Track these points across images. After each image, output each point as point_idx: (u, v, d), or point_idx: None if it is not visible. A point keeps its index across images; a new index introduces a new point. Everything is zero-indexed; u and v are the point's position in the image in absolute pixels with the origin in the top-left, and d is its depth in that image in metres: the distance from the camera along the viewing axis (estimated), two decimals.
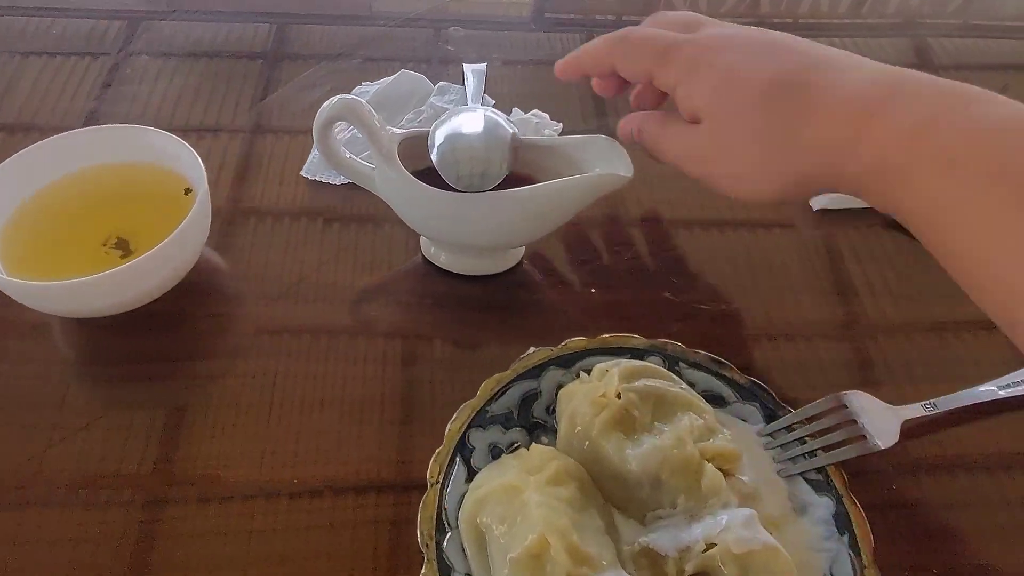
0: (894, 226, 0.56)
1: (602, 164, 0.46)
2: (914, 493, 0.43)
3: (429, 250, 0.52)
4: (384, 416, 0.44)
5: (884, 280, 0.54)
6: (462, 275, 0.52)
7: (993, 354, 0.49)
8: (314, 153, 0.58)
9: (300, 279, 0.51)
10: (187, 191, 0.49)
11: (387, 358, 0.47)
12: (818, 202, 0.58)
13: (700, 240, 0.55)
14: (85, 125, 0.59)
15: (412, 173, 0.46)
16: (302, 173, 0.57)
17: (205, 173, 0.47)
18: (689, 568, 0.35)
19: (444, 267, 0.52)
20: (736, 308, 0.51)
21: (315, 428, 0.44)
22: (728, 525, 0.35)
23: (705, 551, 0.35)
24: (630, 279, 0.53)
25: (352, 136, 0.59)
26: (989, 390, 0.45)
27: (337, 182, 0.57)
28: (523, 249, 0.53)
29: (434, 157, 0.45)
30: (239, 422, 0.44)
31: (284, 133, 0.60)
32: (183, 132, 0.51)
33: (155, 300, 0.47)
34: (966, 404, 0.44)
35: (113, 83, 0.64)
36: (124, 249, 0.47)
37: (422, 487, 0.38)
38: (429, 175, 0.46)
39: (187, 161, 0.48)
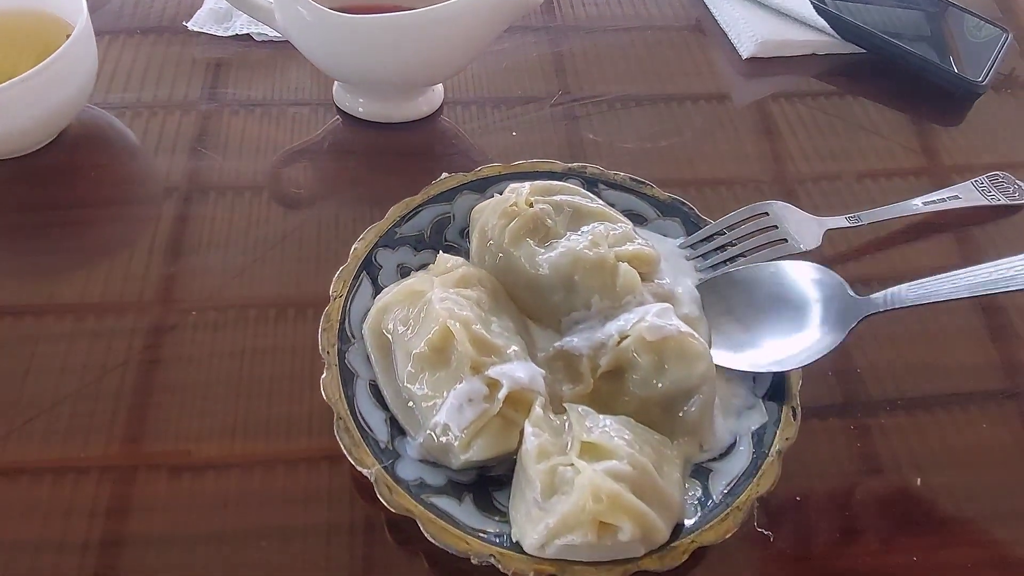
0: (818, 76, 0.56)
1: None
2: None
3: (344, 101, 0.50)
4: (289, 255, 0.42)
5: (815, 123, 0.53)
6: (378, 124, 0.49)
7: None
8: (205, 5, 0.55)
9: (201, 134, 0.48)
10: (68, 36, 0.45)
11: (292, 206, 0.45)
12: (747, 50, 0.56)
13: (627, 83, 0.54)
14: None
15: None
16: (188, 24, 0.54)
17: (86, 9, 0.43)
18: (604, 363, 0.34)
19: (359, 116, 0.49)
20: (661, 147, 0.50)
21: (219, 279, 0.41)
22: (641, 317, 0.34)
23: (618, 344, 0.34)
24: (553, 123, 0.51)
25: None
26: (912, 204, 0.44)
27: (225, 34, 0.53)
28: (441, 96, 0.51)
29: None
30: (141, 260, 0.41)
31: None
32: None
33: (42, 149, 0.44)
34: (889, 217, 0.44)
35: None
36: None
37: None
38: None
39: (70, 4, 0.45)
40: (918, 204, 0.44)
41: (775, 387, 0.34)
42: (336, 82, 0.50)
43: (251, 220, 0.44)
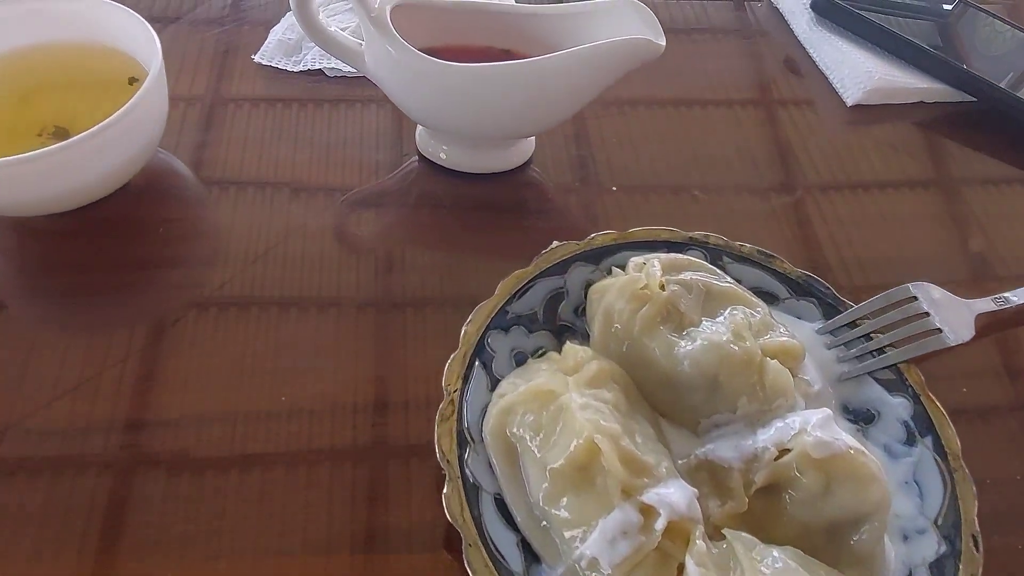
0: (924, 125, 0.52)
1: (626, 33, 0.40)
2: (990, 396, 0.38)
3: (427, 146, 0.46)
4: (379, 332, 0.38)
5: (934, 173, 0.49)
6: (465, 174, 0.45)
7: None
8: (272, 35, 0.51)
9: (274, 181, 0.44)
10: (132, 80, 0.41)
11: (380, 267, 0.41)
12: (852, 97, 0.52)
13: (731, 127, 0.50)
14: None
15: None
16: (255, 58, 0.50)
17: (161, 54, 0.39)
18: (759, 479, 0.30)
19: (445, 164, 0.45)
20: (779, 204, 0.46)
21: (301, 345, 0.37)
22: (803, 428, 0.30)
23: (777, 458, 0.30)
24: (655, 176, 0.47)
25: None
26: None
27: (295, 68, 0.49)
28: (532, 146, 0.47)
29: None
30: (214, 336, 0.37)
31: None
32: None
33: (103, 200, 0.40)
34: None
35: None
36: (63, 138, 0.39)
37: (423, 405, 0.33)
38: (427, 54, 0.39)
39: (141, 40, 0.41)
40: None
41: (948, 509, 0.31)
42: (419, 125, 0.46)
43: (329, 284, 0.40)
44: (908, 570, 0.30)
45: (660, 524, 0.27)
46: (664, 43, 0.39)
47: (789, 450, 0.30)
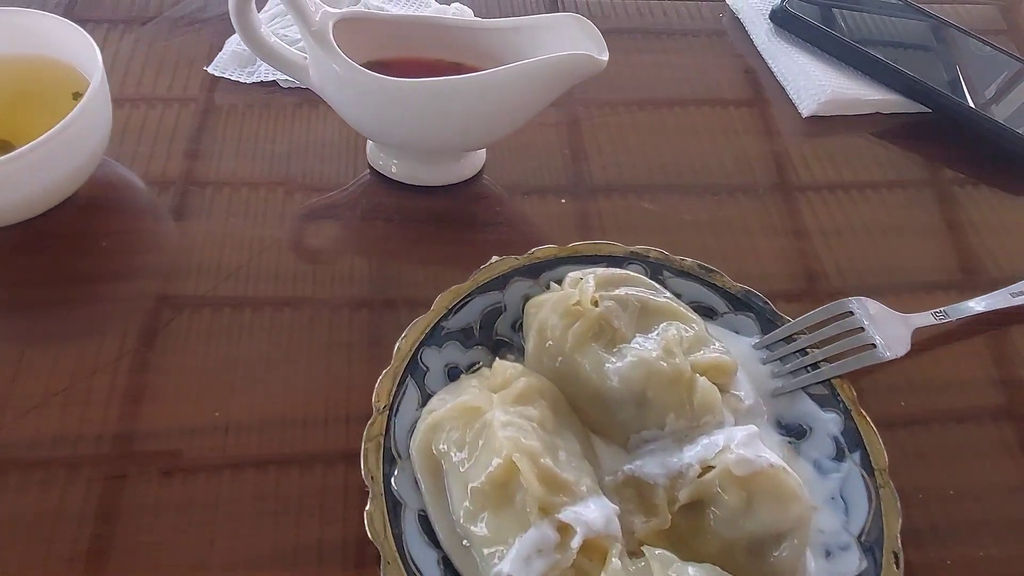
0: (879, 135, 0.52)
1: (572, 47, 0.40)
2: (925, 409, 0.38)
3: (378, 160, 0.46)
4: (332, 340, 0.38)
5: (886, 182, 0.49)
6: (415, 187, 0.45)
7: (1003, 262, 0.45)
8: (228, 46, 0.51)
9: (225, 193, 0.44)
10: (76, 95, 0.41)
11: (326, 280, 0.41)
12: (807, 108, 0.53)
13: (685, 142, 0.50)
14: None
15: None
16: (208, 69, 0.50)
17: (102, 67, 0.39)
18: (682, 496, 0.30)
19: (395, 178, 0.45)
20: (726, 216, 0.46)
21: (247, 358, 0.37)
22: (727, 445, 0.30)
23: (701, 475, 0.30)
24: (605, 188, 0.47)
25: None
26: (1002, 297, 0.41)
27: (249, 80, 0.49)
28: (483, 158, 0.47)
29: None
30: (162, 348, 0.37)
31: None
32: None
33: (47, 213, 0.40)
34: (978, 312, 0.40)
35: None
36: (7, 151, 0.39)
37: (361, 419, 0.32)
38: (375, 68, 0.39)
39: (85, 53, 0.41)
40: (1007, 296, 0.41)
41: (872, 525, 0.31)
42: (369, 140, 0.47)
43: (277, 300, 0.40)
44: None
45: (576, 542, 0.27)
46: (606, 58, 0.39)
47: (713, 467, 0.30)
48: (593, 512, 0.28)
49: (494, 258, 0.38)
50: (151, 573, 0.31)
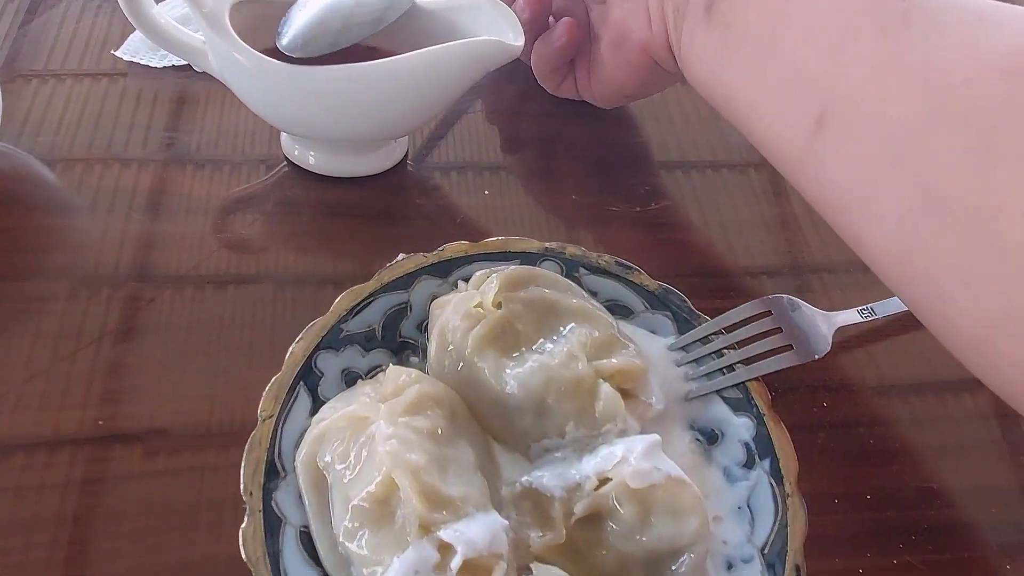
0: None
1: (488, 32, 0.38)
2: (847, 411, 0.37)
3: (293, 151, 0.44)
4: (230, 342, 0.36)
5: None
6: (332, 178, 0.43)
7: None
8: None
9: (131, 185, 0.42)
10: None
11: (229, 279, 0.39)
12: None
13: (616, 133, 0.48)
14: None
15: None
16: (117, 53, 0.47)
17: None
18: (578, 510, 0.29)
19: (313, 169, 0.43)
20: (654, 211, 0.44)
21: (136, 362, 0.35)
22: (624, 456, 0.29)
23: (597, 488, 0.29)
24: (532, 180, 0.45)
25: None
26: None
27: (160, 64, 0.47)
28: (404, 147, 0.45)
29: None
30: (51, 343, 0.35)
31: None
32: None
33: None
34: (906, 310, 0.39)
35: None
36: None
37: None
38: (277, 55, 0.37)
39: None
40: None
41: (776, 536, 0.30)
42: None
43: (183, 301, 0.38)
44: None
45: (455, 563, 0.26)
46: (522, 44, 0.37)
47: (611, 479, 0.29)
48: (477, 529, 0.27)
49: (400, 256, 0.36)
50: None
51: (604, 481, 0.29)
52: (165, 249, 0.39)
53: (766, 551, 0.29)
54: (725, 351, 0.35)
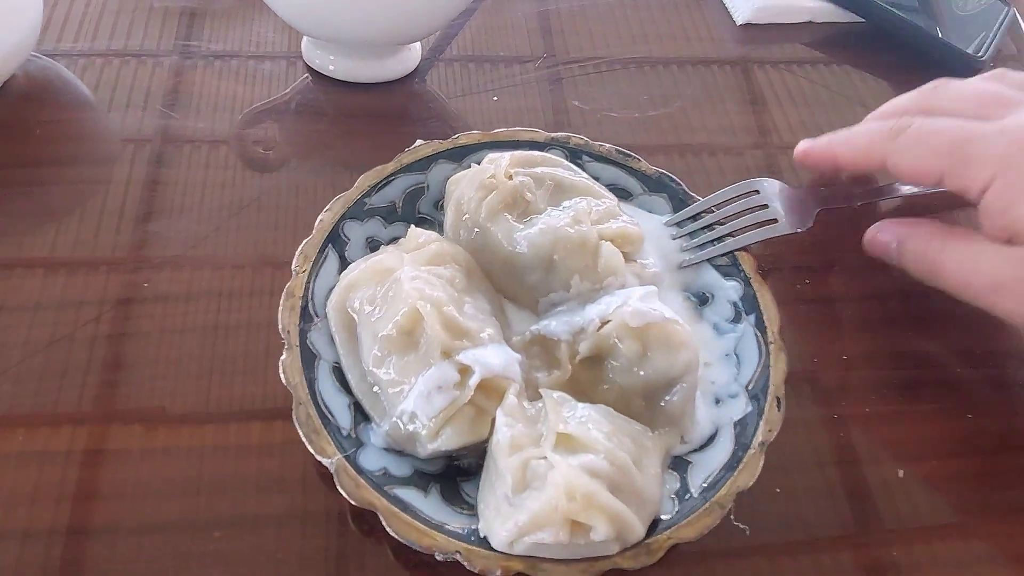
0: (813, 45, 0.54)
1: None
2: (829, 287, 0.40)
3: (313, 57, 0.47)
4: (252, 222, 0.40)
5: (802, 93, 0.50)
6: (350, 84, 0.46)
7: None
8: None
9: (158, 88, 0.45)
10: None
11: (257, 170, 0.42)
12: (742, 16, 0.54)
13: (615, 46, 0.51)
14: None
15: None
16: None
17: None
18: (583, 349, 0.32)
19: (332, 75, 0.46)
20: (650, 116, 0.47)
21: (175, 235, 0.39)
22: (624, 301, 0.32)
23: (599, 329, 0.32)
24: (538, 87, 0.48)
25: None
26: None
27: None
28: (419, 55, 0.48)
29: None
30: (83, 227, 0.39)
31: None
32: None
33: None
34: (886, 196, 0.42)
35: None
36: None
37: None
38: None
39: None
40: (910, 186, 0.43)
41: (759, 376, 0.33)
42: (305, 37, 0.47)
43: (214, 184, 0.41)
44: (715, 428, 0.32)
45: (473, 380, 0.29)
46: None
47: (611, 320, 0.32)
48: (493, 355, 0.30)
49: (418, 142, 0.39)
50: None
51: (605, 323, 0.32)
52: (188, 144, 0.43)
53: (751, 387, 0.33)
54: (715, 225, 0.38)
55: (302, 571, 0.30)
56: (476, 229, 0.35)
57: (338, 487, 0.28)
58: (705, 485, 0.30)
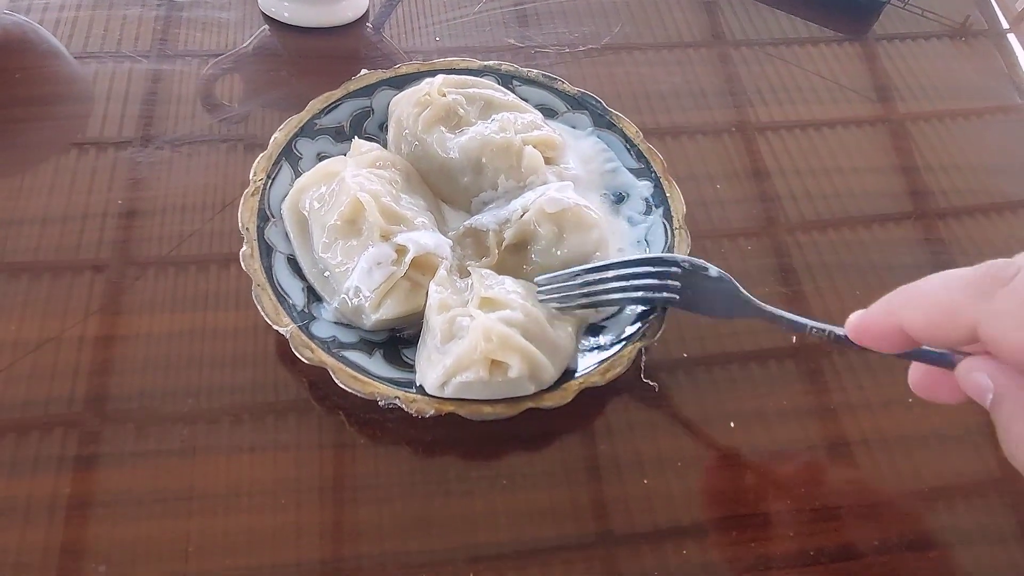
0: None
1: None
2: (733, 192, 0.45)
3: (270, 7, 0.51)
4: (217, 149, 0.44)
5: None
6: (304, 29, 0.50)
7: None
8: None
9: (125, 38, 0.49)
10: None
11: (219, 106, 0.46)
12: None
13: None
14: None
15: None
16: None
17: None
18: (508, 236, 0.37)
19: (286, 20, 0.50)
20: (581, 52, 0.52)
21: (151, 184, 0.43)
22: (543, 193, 0.37)
23: (521, 217, 0.37)
24: (478, 28, 0.52)
25: None
26: None
27: None
28: (367, 2, 0.52)
29: None
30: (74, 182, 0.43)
31: None
32: None
33: None
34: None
35: None
36: None
37: None
38: None
39: None
40: None
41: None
42: None
43: (179, 118, 0.45)
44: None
45: (408, 257, 0.34)
46: None
47: (531, 210, 0.36)
48: (426, 237, 0.34)
49: (363, 71, 0.43)
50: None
51: (526, 212, 0.36)
52: (172, 83, 0.47)
53: None
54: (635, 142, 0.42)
55: (274, 432, 0.34)
56: (415, 142, 0.40)
57: (293, 351, 0.33)
58: (615, 341, 0.34)
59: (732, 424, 0.36)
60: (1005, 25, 0.58)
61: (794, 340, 0.39)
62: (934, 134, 0.50)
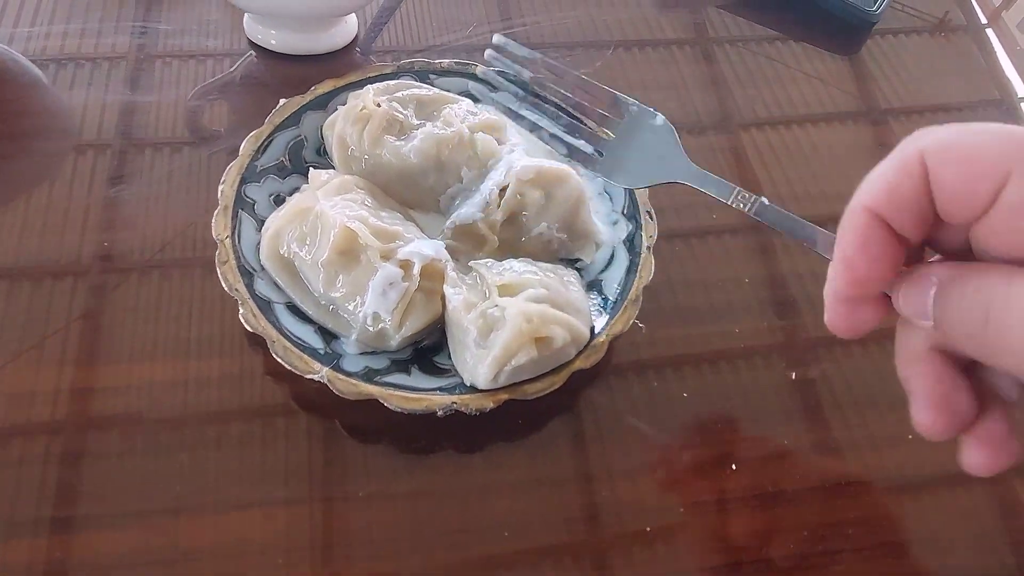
0: None
1: None
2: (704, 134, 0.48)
3: (256, 34, 0.49)
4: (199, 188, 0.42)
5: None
6: (292, 57, 0.49)
7: None
8: None
9: (107, 68, 0.47)
10: None
11: (204, 140, 0.45)
12: None
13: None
14: None
15: None
16: None
17: None
18: (499, 215, 0.38)
19: (275, 49, 0.49)
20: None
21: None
22: (511, 166, 0.38)
23: (501, 194, 0.38)
24: (468, 52, 0.51)
25: None
26: None
27: None
28: (355, 26, 0.51)
29: None
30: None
31: None
32: None
33: None
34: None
35: None
36: None
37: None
38: None
39: None
40: None
41: (628, 202, 0.40)
42: (246, 13, 0.49)
43: (162, 149, 0.44)
44: (612, 249, 0.39)
45: (416, 268, 0.34)
46: None
47: (508, 184, 0.38)
48: (424, 245, 0.35)
49: (282, 101, 0.42)
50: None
51: (504, 189, 0.38)
52: (147, 114, 0.46)
53: (625, 211, 0.40)
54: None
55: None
56: (365, 157, 0.40)
57: (336, 392, 0.32)
58: (619, 290, 0.37)
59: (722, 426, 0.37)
60: (983, 20, 0.60)
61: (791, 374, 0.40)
62: (915, 128, 0.53)
